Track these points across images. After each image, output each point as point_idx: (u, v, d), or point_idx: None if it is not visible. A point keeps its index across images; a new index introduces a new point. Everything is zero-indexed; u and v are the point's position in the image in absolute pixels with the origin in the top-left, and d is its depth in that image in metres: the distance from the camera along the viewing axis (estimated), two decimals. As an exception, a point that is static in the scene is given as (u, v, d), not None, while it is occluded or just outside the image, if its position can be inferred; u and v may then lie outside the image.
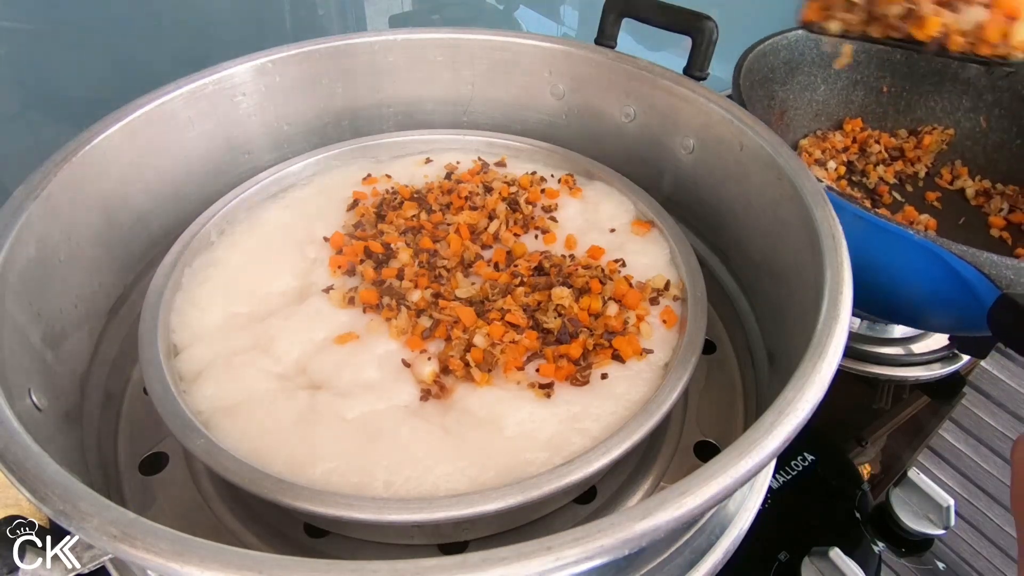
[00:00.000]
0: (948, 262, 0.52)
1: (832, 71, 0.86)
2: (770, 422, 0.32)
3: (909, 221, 0.77)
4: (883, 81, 0.88)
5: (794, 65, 0.83)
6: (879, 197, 0.83)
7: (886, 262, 0.57)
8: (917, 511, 0.58)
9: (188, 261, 0.50)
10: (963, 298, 0.53)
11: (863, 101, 0.89)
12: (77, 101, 0.65)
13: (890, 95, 0.88)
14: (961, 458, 0.74)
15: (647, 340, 0.46)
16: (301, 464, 0.38)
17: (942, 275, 0.53)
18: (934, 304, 0.59)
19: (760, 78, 0.78)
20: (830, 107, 0.89)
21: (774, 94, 0.83)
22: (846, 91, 0.89)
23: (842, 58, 0.82)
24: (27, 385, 0.38)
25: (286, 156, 0.61)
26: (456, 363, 0.43)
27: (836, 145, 0.88)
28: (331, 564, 0.26)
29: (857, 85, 0.88)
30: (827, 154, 0.86)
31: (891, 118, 0.90)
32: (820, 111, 0.90)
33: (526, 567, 0.26)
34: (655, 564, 0.41)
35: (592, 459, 0.37)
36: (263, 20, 0.73)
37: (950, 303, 0.56)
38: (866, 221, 0.56)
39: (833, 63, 0.84)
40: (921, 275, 0.55)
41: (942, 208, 0.83)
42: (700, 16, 0.55)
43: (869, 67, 0.87)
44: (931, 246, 0.53)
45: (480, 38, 0.64)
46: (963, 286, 0.52)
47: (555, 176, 0.61)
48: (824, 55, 0.84)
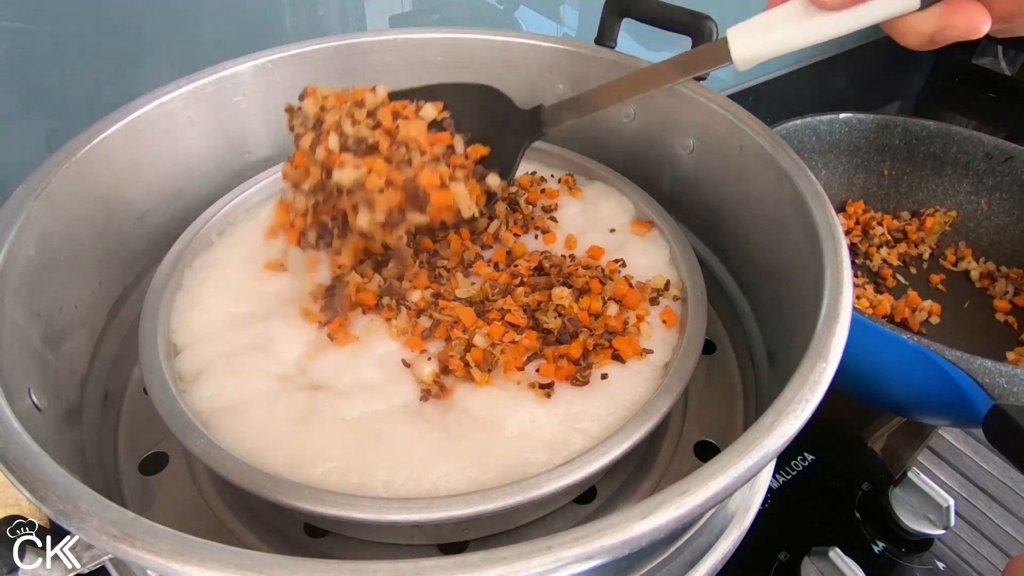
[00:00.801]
0: (943, 368, 0.53)
1: (833, 155, 0.87)
2: (770, 422, 0.32)
3: (912, 308, 0.76)
4: (883, 165, 0.88)
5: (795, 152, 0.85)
6: (883, 280, 0.81)
7: (881, 363, 0.58)
8: (917, 511, 0.58)
9: (188, 261, 0.50)
10: (959, 402, 0.53)
11: (864, 184, 0.89)
12: (77, 101, 0.64)
13: (891, 178, 0.89)
14: (961, 458, 0.74)
15: (647, 340, 0.46)
16: (301, 464, 0.38)
17: (937, 380, 0.53)
18: (931, 405, 0.59)
19: None
20: (832, 190, 0.89)
21: None
22: (847, 174, 0.89)
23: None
24: (27, 385, 0.38)
25: (286, 156, 0.61)
26: (456, 363, 0.43)
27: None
28: (331, 564, 0.26)
29: (858, 169, 0.89)
30: None
31: (893, 200, 0.89)
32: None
33: (526, 567, 0.26)
34: (655, 564, 0.41)
35: (592, 459, 0.37)
36: (263, 20, 0.73)
37: (946, 406, 0.56)
38: (861, 325, 0.56)
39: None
40: (917, 378, 0.56)
41: (947, 291, 0.81)
42: (700, 16, 0.55)
43: (869, 152, 0.87)
44: (926, 352, 0.53)
45: (480, 38, 0.64)
46: (958, 391, 0.53)
47: (555, 176, 0.61)
48: (823, 141, 0.85)
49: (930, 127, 0.84)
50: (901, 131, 0.86)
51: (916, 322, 0.75)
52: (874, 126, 0.86)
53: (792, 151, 0.49)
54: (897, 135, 0.86)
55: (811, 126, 0.84)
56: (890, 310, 0.76)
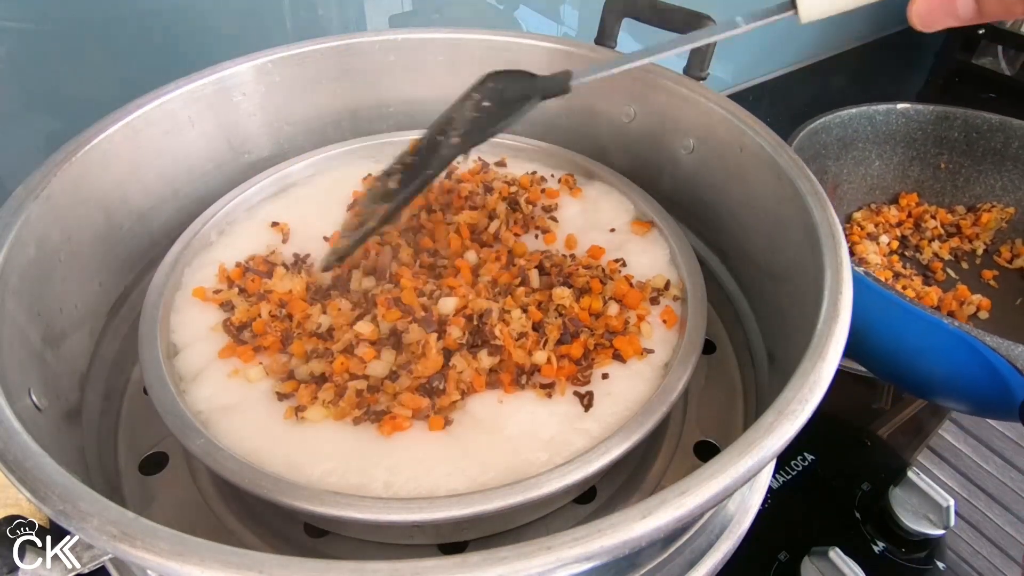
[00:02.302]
0: (982, 353, 0.52)
1: (888, 146, 0.85)
2: (770, 422, 0.32)
3: (960, 301, 0.75)
4: (940, 158, 0.86)
5: (848, 141, 0.83)
6: (932, 274, 0.81)
7: (921, 347, 0.57)
8: (917, 511, 0.58)
9: (188, 261, 0.50)
10: (996, 389, 0.53)
11: (919, 176, 0.88)
12: (77, 101, 0.64)
13: (948, 171, 0.87)
14: (961, 458, 0.74)
15: (647, 340, 0.46)
16: (301, 464, 0.38)
17: (976, 365, 0.53)
18: (966, 390, 0.59)
19: (812, 154, 0.78)
20: (885, 181, 0.88)
21: (827, 168, 0.82)
22: (902, 166, 0.87)
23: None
24: (27, 385, 0.38)
25: (286, 156, 0.61)
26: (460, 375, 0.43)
27: (890, 219, 0.86)
28: (331, 564, 0.26)
29: (914, 161, 0.87)
30: (880, 228, 0.85)
31: (948, 194, 0.88)
32: (875, 185, 0.89)
33: (526, 567, 0.26)
34: (655, 564, 0.41)
35: (592, 459, 0.37)
36: (263, 20, 0.72)
37: (983, 392, 0.56)
38: (901, 308, 0.56)
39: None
40: (955, 363, 0.55)
41: (998, 287, 0.80)
42: (700, 16, 0.55)
43: (926, 144, 0.85)
44: (965, 336, 0.53)
45: (480, 38, 0.64)
46: (996, 377, 0.52)
47: (555, 176, 0.61)
48: (879, 131, 0.83)
49: (992, 120, 0.82)
50: (961, 123, 0.83)
51: (964, 315, 0.74)
52: (933, 117, 0.84)
53: (792, 151, 0.49)
54: (957, 127, 0.84)
55: (867, 115, 0.82)
56: (937, 302, 0.75)
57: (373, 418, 0.40)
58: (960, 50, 1.24)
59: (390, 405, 0.41)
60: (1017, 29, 1.15)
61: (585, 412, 0.41)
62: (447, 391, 0.41)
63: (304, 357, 0.44)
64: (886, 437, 0.73)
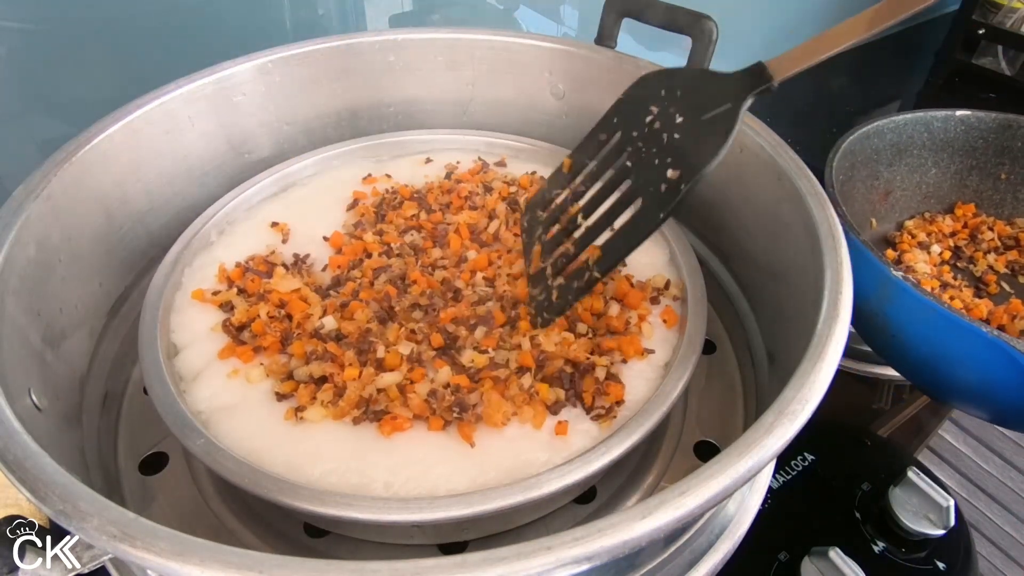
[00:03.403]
0: (1019, 363, 0.51)
1: (945, 154, 0.82)
2: (770, 422, 0.32)
3: (1012, 315, 0.73)
4: (1001, 168, 0.83)
5: (902, 147, 0.80)
6: (985, 286, 0.78)
7: (958, 354, 0.56)
8: (917, 511, 0.58)
9: (188, 261, 0.50)
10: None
11: (978, 186, 0.85)
12: (77, 101, 0.64)
13: (1009, 182, 0.84)
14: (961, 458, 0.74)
15: (648, 340, 0.46)
16: (301, 464, 0.38)
17: (1014, 375, 0.52)
18: (999, 400, 0.58)
19: (863, 159, 0.76)
20: (942, 190, 0.85)
21: (879, 174, 0.80)
22: (960, 175, 0.84)
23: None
24: (27, 385, 0.38)
25: (286, 156, 0.61)
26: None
27: (944, 229, 0.84)
28: (331, 564, 0.26)
29: (973, 170, 0.84)
30: (932, 238, 0.83)
31: (1009, 206, 0.85)
32: (930, 193, 0.86)
33: (526, 567, 0.26)
34: (655, 564, 0.41)
35: (592, 459, 0.37)
36: (263, 20, 0.73)
37: (1017, 402, 0.55)
38: (938, 312, 0.55)
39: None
40: (991, 372, 0.55)
41: None
42: (700, 16, 0.55)
43: (987, 153, 0.83)
44: (1005, 346, 0.52)
45: (480, 38, 0.64)
46: None
47: (555, 176, 0.60)
48: (936, 138, 0.81)
49: None
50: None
51: (1015, 330, 0.72)
52: (995, 126, 0.81)
53: (791, 151, 0.49)
54: (1020, 137, 0.81)
55: (924, 121, 0.79)
56: (986, 315, 0.73)
57: (373, 418, 0.40)
58: (960, 50, 1.24)
59: (390, 405, 0.41)
60: (1017, 29, 1.15)
61: (585, 412, 0.41)
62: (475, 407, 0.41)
63: (304, 358, 0.44)
64: (886, 437, 0.73)
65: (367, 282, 0.49)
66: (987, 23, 1.18)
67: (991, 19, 1.18)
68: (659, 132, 0.41)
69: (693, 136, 0.40)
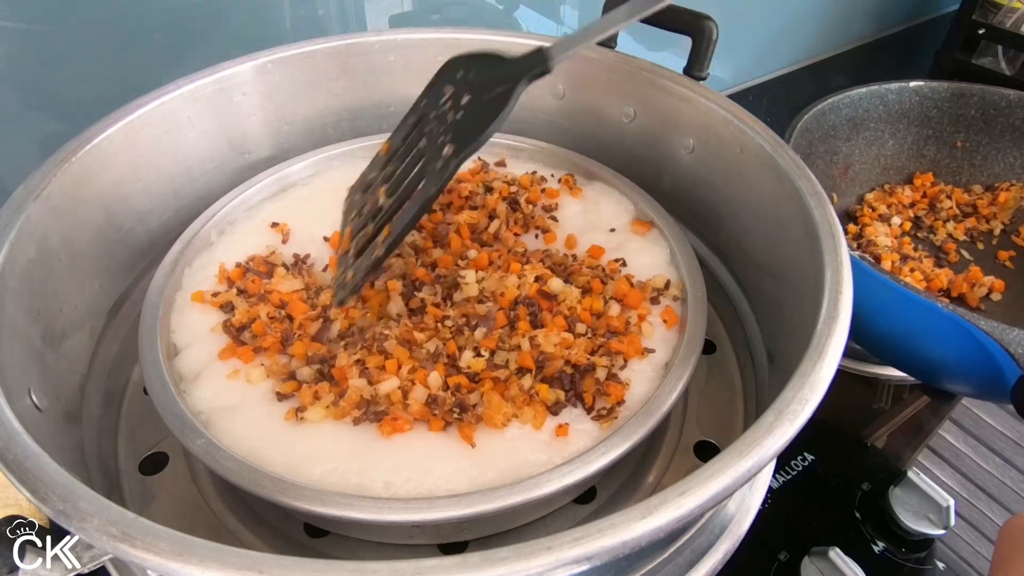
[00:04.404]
0: (976, 337, 0.52)
1: (901, 125, 0.83)
2: (770, 422, 0.32)
3: (972, 283, 0.73)
4: (957, 136, 0.84)
5: (858, 121, 0.81)
6: (945, 255, 0.79)
7: (917, 330, 0.57)
8: (917, 511, 0.58)
9: (188, 261, 0.50)
10: (989, 372, 0.53)
11: (935, 155, 0.86)
12: (77, 101, 0.64)
13: (965, 150, 0.85)
14: (961, 458, 0.74)
15: (648, 340, 0.46)
16: (301, 464, 0.38)
17: (970, 348, 0.53)
18: (962, 373, 0.59)
19: (820, 135, 0.77)
20: (900, 161, 0.86)
21: (837, 150, 0.81)
22: (917, 145, 0.85)
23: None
24: (27, 385, 0.38)
25: (286, 156, 0.61)
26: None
27: (903, 200, 0.84)
28: (331, 564, 0.26)
29: (929, 140, 0.85)
30: (892, 209, 0.83)
31: (966, 173, 0.86)
32: (888, 165, 0.87)
33: (526, 567, 0.26)
34: (655, 564, 0.41)
35: (592, 459, 0.37)
36: (263, 20, 0.72)
37: (978, 375, 0.56)
38: (895, 291, 0.56)
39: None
40: (950, 347, 0.55)
41: (1015, 268, 0.79)
42: (700, 16, 0.55)
43: (942, 122, 0.83)
44: (959, 320, 0.53)
45: (480, 38, 0.64)
46: (990, 361, 0.52)
47: (555, 176, 0.61)
48: (891, 110, 0.81)
49: (1011, 97, 0.80)
50: (978, 100, 0.81)
51: (975, 298, 0.73)
52: (948, 95, 0.81)
53: (791, 151, 0.49)
54: (974, 105, 0.81)
55: (878, 94, 0.80)
56: (947, 284, 0.73)
57: (373, 418, 0.40)
58: (960, 50, 1.24)
59: (390, 408, 0.41)
60: (1017, 29, 1.15)
61: (586, 413, 0.41)
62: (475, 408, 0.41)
63: (304, 358, 0.44)
64: (886, 437, 0.72)
65: (367, 282, 0.49)
66: (987, 23, 1.18)
67: (991, 19, 1.18)
68: (448, 112, 0.44)
69: (472, 115, 0.43)
